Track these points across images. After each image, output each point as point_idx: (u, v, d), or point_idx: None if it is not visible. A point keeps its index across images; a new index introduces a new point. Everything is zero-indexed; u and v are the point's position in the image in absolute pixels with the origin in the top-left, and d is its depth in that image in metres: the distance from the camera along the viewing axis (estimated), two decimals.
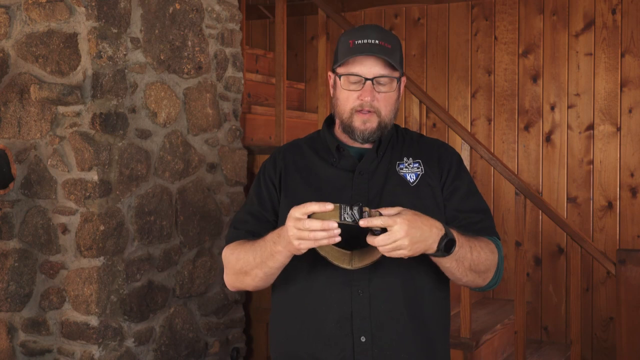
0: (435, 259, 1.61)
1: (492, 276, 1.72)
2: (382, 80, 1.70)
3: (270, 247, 1.61)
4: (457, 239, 1.57)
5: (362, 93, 1.70)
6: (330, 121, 1.85)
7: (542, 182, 4.31)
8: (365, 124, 1.71)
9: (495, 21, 4.44)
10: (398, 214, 1.48)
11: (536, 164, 4.33)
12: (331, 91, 1.80)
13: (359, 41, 1.70)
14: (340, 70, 1.74)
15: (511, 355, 3.73)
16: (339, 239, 1.47)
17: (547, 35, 4.31)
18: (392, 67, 1.71)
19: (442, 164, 1.79)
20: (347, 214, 1.46)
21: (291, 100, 4.82)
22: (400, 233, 1.46)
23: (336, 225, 1.45)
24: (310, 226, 1.46)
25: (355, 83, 1.71)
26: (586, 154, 4.21)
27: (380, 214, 1.48)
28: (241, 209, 1.86)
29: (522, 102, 4.37)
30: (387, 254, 1.50)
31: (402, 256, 1.50)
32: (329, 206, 1.45)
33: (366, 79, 1.69)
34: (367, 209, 1.48)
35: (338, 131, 1.81)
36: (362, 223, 1.46)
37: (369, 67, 1.69)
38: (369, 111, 1.71)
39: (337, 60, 1.76)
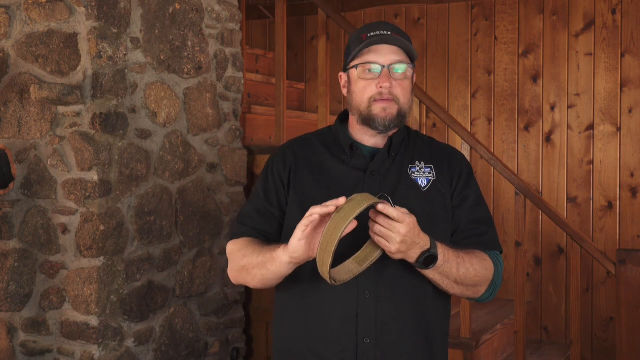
0: (419, 270, 1.63)
1: (484, 290, 1.75)
2: (398, 67, 1.72)
3: (275, 252, 1.64)
4: (443, 255, 1.60)
5: (380, 80, 1.71)
6: (343, 117, 1.86)
7: (542, 182, 4.31)
8: (385, 110, 1.72)
9: (495, 21, 4.44)
10: (409, 214, 1.53)
11: (536, 164, 4.33)
12: (344, 91, 1.81)
13: (372, 33, 1.73)
14: (355, 61, 1.75)
15: (511, 355, 3.73)
16: (316, 217, 1.51)
17: (547, 35, 4.31)
18: (406, 56, 1.73)
19: (453, 171, 1.80)
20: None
21: (291, 100, 4.82)
22: (402, 230, 1.50)
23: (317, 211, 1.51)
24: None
25: (371, 72, 1.72)
26: (586, 154, 4.21)
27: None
28: (247, 203, 1.85)
29: (522, 102, 4.37)
30: (374, 237, 1.54)
31: (385, 247, 1.54)
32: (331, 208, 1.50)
33: (383, 66, 1.71)
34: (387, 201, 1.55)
35: (352, 128, 1.81)
36: (380, 207, 1.50)
37: (384, 55, 1.71)
38: (388, 99, 1.71)
39: (349, 55, 1.77)
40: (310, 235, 1.54)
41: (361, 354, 1.66)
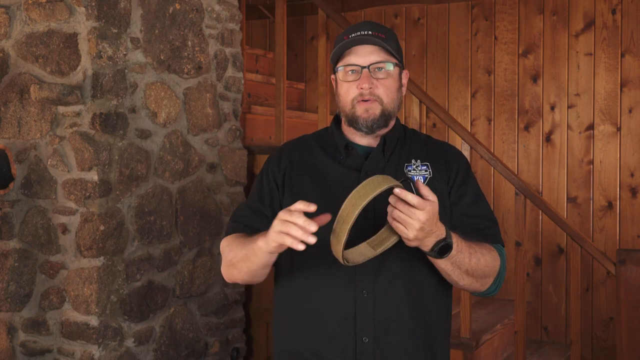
0: (431, 259, 1.62)
1: (491, 282, 1.73)
2: (379, 66, 1.72)
3: (255, 243, 1.61)
4: (456, 244, 1.59)
5: (360, 81, 1.71)
6: (338, 119, 1.86)
7: (542, 182, 4.31)
8: (367, 111, 1.72)
9: (495, 21, 4.44)
10: (430, 202, 1.49)
11: (536, 164, 4.33)
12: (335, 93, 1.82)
13: (353, 34, 1.73)
14: (338, 64, 1.76)
15: (511, 355, 3.73)
16: (313, 239, 1.45)
17: (547, 35, 4.31)
18: (388, 54, 1.73)
19: (450, 168, 1.79)
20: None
21: (291, 100, 4.82)
22: (421, 217, 1.47)
23: (314, 229, 1.44)
24: (296, 221, 1.45)
25: (352, 73, 1.72)
26: (586, 154, 4.21)
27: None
28: (242, 203, 1.87)
29: (522, 102, 4.37)
30: (392, 222, 1.50)
31: (402, 234, 1.50)
32: (312, 207, 1.45)
33: (362, 67, 1.71)
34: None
35: (345, 129, 1.82)
36: (397, 191, 1.46)
37: (364, 56, 1.72)
38: (370, 99, 1.71)
39: (334, 58, 1.77)
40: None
41: (360, 353, 1.66)
